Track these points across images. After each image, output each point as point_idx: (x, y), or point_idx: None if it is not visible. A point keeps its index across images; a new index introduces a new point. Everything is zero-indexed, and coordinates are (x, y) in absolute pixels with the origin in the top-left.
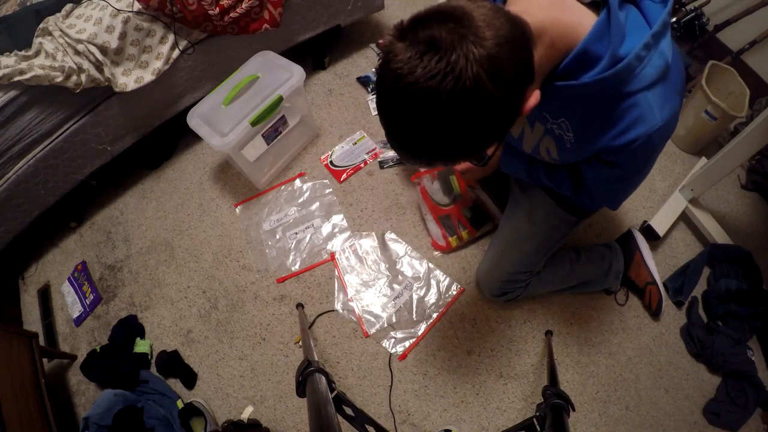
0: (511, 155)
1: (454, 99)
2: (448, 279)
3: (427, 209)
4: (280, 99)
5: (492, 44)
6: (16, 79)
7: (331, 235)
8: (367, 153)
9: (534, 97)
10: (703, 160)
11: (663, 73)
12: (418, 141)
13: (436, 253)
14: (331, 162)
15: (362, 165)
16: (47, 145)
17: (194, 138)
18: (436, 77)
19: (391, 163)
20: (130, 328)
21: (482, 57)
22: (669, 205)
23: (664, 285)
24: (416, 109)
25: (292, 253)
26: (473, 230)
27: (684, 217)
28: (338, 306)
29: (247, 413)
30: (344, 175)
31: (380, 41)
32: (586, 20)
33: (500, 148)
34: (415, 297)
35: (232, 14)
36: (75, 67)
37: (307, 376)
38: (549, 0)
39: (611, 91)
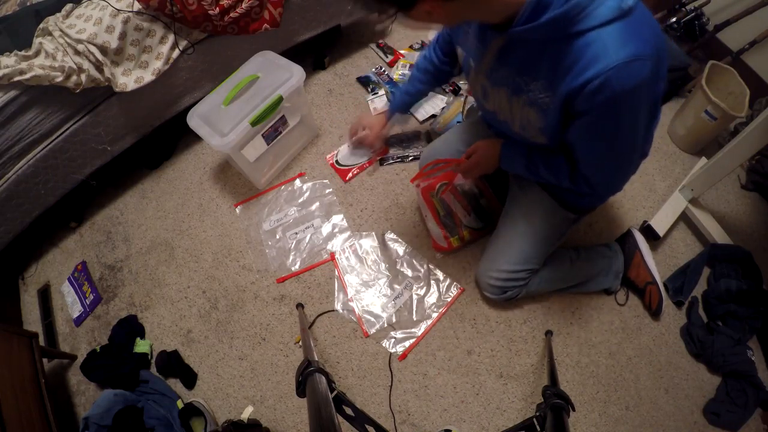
0: (510, 151)
1: None
2: (448, 279)
3: (428, 210)
4: (280, 99)
5: None
6: (16, 79)
7: (331, 235)
8: (373, 151)
9: (436, 14)
10: (703, 160)
11: (619, 14)
12: None
13: (438, 254)
14: (336, 161)
15: (367, 164)
16: (47, 145)
17: (194, 138)
18: None
19: (392, 161)
20: (130, 328)
21: None
22: (669, 205)
23: (664, 285)
24: None
25: (292, 253)
26: (474, 231)
27: (684, 217)
28: (338, 306)
29: (247, 413)
30: (350, 174)
31: (380, 41)
32: None
33: (497, 145)
34: (415, 297)
35: (232, 14)
36: (75, 67)
37: (307, 376)
38: None
39: (565, 30)
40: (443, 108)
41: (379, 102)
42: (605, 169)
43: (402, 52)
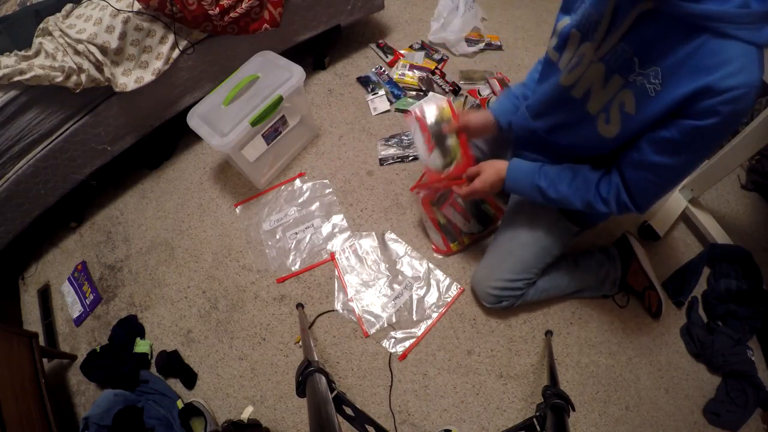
0: (517, 171)
1: None
2: (448, 279)
3: (428, 218)
4: (280, 99)
5: None
6: (16, 79)
7: (331, 235)
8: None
9: None
10: None
11: (765, 45)
12: None
13: (437, 255)
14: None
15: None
16: (47, 145)
17: (194, 138)
18: None
19: (392, 161)
20: (130, 328)
21: None
22: (669, 205)
23: (664, 285)
24: None
25: (292, 253)
26: (475, 234)
27: (684, 217)
28: (338, 306)
29: (247, 413)
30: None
31: (380, 41)
32: None
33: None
34: (415, 297)
35: (232, 14)
36: (75, 67)
37: (307, 376)
38: None
39: (728, 30)
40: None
41: (379, 102)
42: (660, 180)
43: (402, 52)
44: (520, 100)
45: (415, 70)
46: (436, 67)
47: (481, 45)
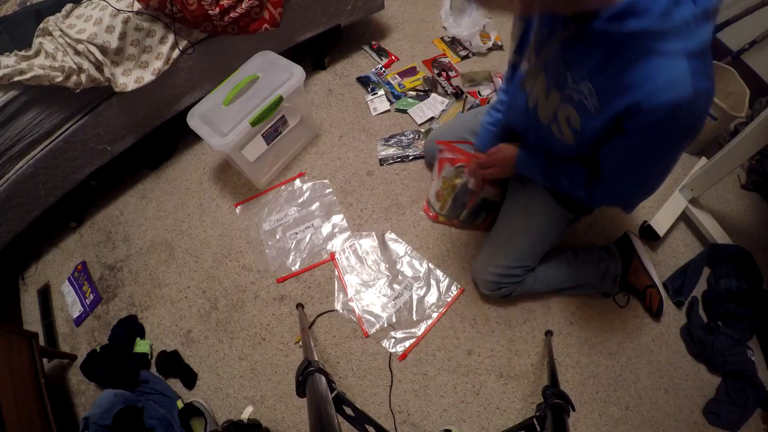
0: (528, 155)
1: None
2: (448, 279)
3: (437, 178)
4: (280, 99)
5: None
6: (16, 79)
7: (331, 235)
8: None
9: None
10: (703, 160)
11: (703, 49)
12: None
13: (421, 213)
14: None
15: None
16: (47, 145)
17: (194, 138)
18: None
19: (392, 161)
20: (130, 328)
21: None
22: (669, 205)
23: (664, 285)
24: None
25: (292, 253)
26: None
27: (684, 217)
28: (338, 306)
29: (247, 413)
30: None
31: (373, 43)
32: None
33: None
34: (415, 297)
35: (232, 14)
36: (75, 67)
37: (307, 376)
38: None
39: (648, 44)
40: (442, 111)
41: (379, 102)
42: (632, 188)
43: (397, 55)
44: (495, 125)
45: (405, 78)
46: (443, 70)
47: (489, 44)
